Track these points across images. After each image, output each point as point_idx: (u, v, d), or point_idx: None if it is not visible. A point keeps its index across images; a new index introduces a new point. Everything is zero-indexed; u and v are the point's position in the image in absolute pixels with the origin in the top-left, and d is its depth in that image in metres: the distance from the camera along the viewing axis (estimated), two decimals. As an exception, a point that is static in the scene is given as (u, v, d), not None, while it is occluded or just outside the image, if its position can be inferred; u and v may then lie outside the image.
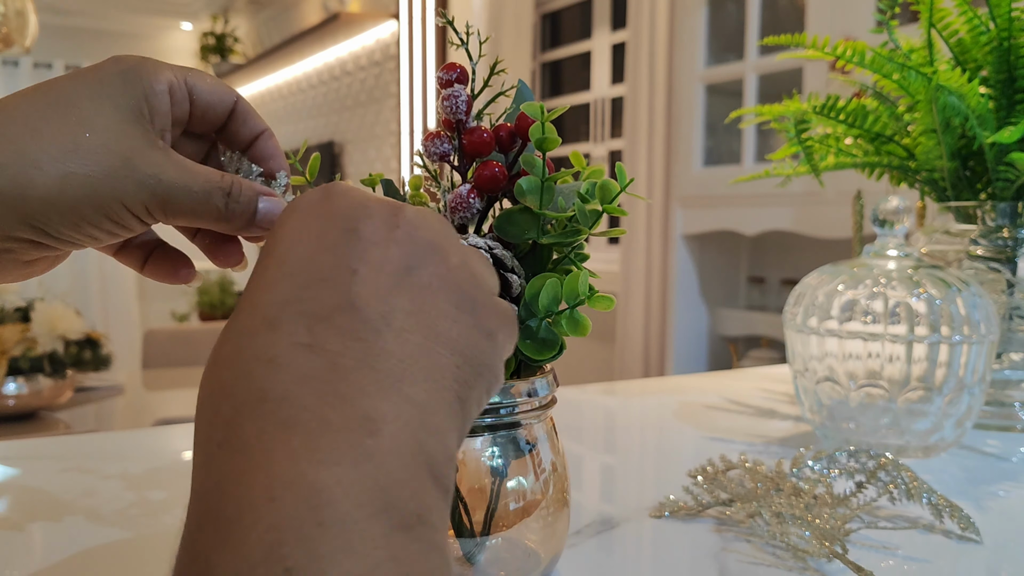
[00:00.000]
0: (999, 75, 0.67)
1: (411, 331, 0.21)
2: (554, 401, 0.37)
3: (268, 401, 0.18)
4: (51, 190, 0.26)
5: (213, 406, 0.19)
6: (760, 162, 1.98)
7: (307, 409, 0.18)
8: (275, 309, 0.20)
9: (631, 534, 0.45)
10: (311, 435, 0.17)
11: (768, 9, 1.96)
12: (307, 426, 0.18)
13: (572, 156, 0.36)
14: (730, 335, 2.21)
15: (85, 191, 0.27)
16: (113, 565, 0.41)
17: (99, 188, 0.27)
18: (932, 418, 0.58)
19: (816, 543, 0.41)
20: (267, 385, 0.18)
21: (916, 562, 0.42)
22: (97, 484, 0.53)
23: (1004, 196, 0.68)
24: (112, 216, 0.28)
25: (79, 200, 0.27)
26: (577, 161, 0.35)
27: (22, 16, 1.07)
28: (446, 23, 0.36)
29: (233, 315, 0.21)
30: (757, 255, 2.23)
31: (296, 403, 0.18)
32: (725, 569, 0.40)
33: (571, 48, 2.62)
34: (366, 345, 0.20)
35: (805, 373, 0.62)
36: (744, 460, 0.52)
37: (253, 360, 0.19)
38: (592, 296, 0.32)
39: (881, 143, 0.73)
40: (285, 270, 0.21)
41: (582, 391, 0.85)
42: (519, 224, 0.34)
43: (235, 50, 4.62)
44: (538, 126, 0.33)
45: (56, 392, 1.56)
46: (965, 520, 0.45)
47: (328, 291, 0.20)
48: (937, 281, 0.59)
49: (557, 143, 0.33)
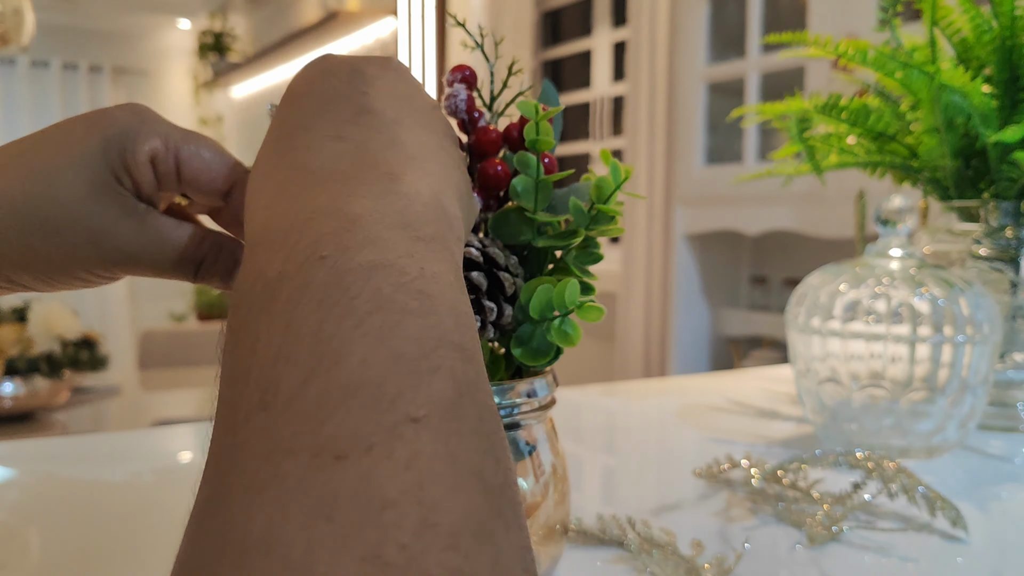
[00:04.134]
0: (1002, 74, 0.66)
1: (419, 134, 0.24)
2: (554, 402, 0.36)
3: (308, 172, 0.21)
4: (15, 261, 0.28)
5: (258, 183, 0.23)
6: (762, 161, 1.97)
7: (341, 171, 0.21)
8: (304, 119, 0.24)
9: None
10: (345, 182, 0.21)
11: (770, 7, 1.96)
12: (342, 178, 0.21)
13: (602, 154, 0.35)
14: (732, 335, 2.20)
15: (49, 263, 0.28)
16: (112, 566, 0.41)
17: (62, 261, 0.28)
18: (935, 419, 0.58)
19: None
20: (305, 161, 0.22)
21: (915, 562, 0.41)
22: (94, 485, 0.52)
23: (1007, 195, 0.68)
24: (79, 278, 0.29)
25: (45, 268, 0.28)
26: (606, 159, 0.34)
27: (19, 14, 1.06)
28: (458, 24, 0.35)
29: (266, 137, 0.24)
30: (759, 255, 2.23)
31: (332, 168, 0.21)
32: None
33: (571, 46, 2.61)
34: (386, 136, 0.23)
35: (807, 374, 0.62)
36: (748, 459, 0.52)
37: (291, 151, 0.23)
38: (582, 306, 0.31)
39: (884, 142, 0.72)
40: (307, 97, 0.24)
41: (582, 392, 0.84)
42: (513, 225, 0.34)
43: (233, 48, 4.61)
44: (532, 126, 0.32)
45: (53, 393, 1.56)
46: (954, 515, 0.44)
47: (346, 104, 0.24)
48: (940, 281, 0.58)
49: (551, 144, 0.33)
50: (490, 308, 0.32)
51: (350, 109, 0.24)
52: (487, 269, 0.32)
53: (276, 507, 0.14)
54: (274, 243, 0.19)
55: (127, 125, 0.28)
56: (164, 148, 0.28)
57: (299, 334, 0.17)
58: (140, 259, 0.29)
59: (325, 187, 0.21)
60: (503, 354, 0.35)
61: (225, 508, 0.15)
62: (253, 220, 0.21)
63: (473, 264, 0.32)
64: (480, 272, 0.32)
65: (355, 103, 0.24)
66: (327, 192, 0.20)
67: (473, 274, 0.32)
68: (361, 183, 0.21)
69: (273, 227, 0.20)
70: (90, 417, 1.65)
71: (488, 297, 0.32)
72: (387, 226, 0.19)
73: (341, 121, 0.23)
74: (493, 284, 0.32)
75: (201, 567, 0.14)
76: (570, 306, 0.31)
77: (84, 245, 0.28)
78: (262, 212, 0.21)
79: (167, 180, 0.29)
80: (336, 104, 0.24)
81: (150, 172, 0.28)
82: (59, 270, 0.28)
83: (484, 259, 0.32)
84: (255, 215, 0.21)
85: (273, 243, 0.19)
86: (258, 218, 0.21)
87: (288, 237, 0.19)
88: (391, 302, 0.17)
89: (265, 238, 0.20)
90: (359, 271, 0.18)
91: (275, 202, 0.21)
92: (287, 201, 0.21)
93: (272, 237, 0.19)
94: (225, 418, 0.17)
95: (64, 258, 0.28)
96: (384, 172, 0.21)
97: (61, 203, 0.27)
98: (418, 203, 0.21)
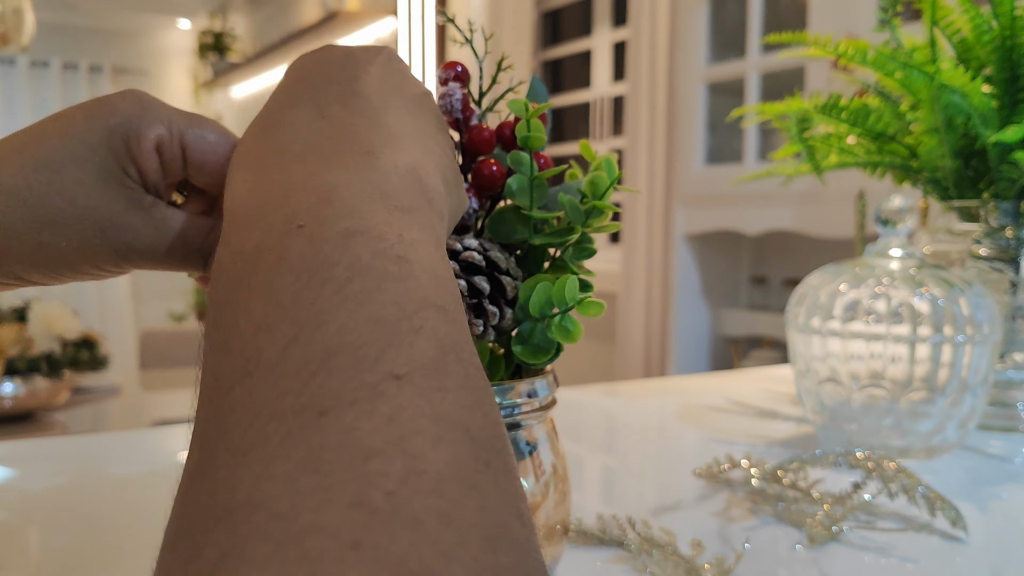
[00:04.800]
0: (1002, 74, 0.66)
1: (406, 122, 0.25)
2: (554, 402, 0.36)
3: (288, 148, 0.22)
4: (25, 256, 0.27)
5: (239, 159, 0.23)
6: (762, 161, 1.97)
7: (321, 147, 0.22)
8: (291, 99, 0.24)
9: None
10: (323, 158, 0.21)
11: (770, 7, 1.96)
12: (320, 153, 0.21)
13: (582, 146, 0.35)
14: (732, 335, 2.20)
15: (58, 258, 0.27)
16: (112, 566, 0.41)
17: (72, 256, 0.28)
18: (935, 419, 0.58)
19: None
20: (287, 139, 0.22)
21: (915, 562, 0.41)
22: (94, 485, 0.52)
23: (1007, 196, 0.68)
24: (87, 272, 0.29)
25: (54, 263, 0.28)
26: (587, 152, 0.34)
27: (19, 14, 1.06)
28: (447, 21, 0.35)
29: (254, 119, 0.25)
30: (759, 255, 2.23)
31: (311, 145, 0.22)
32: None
33: (571, 46, 2.61)
34: (369, 119, 0.23)
35: (807, 374, 0.62)
36: (748, 459, 0.52)
37: (273, 128, 0.23)
38: (582, 302, 0.31)
39: (883, 142, 0.72)
40: (300, 77, 0.25)
41: (583, 392, 0.84)
42: (510, 224, 0.34)
43: (233, 48, 4.61)
44: (523, 123, 0.32)
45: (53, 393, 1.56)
46: (953, 515, 0.44)
47: (336, 87, 0.24)
48: (940, 281, 0.58)
49: (543, 142, 0.33)
50: (492, 312, 0.32)
51: (338, 91, 0.24)
52: (489, 273, 0.32)
53: (262, 465, 0.14)
54: (251, 217, 0.19)
55: (130, 114, 0.27)
56: (168, 134, 0.28)
57: (279, 303, 0.17)
58: (150, 252, 0.28)
59: (303, 163, 0.21)
60: (503, 354, 0.35)
61: (212, 472, 0.15)
62: (232, 196, 0.21)
63: (476, 268, 0.32)
64: (482, 276, 0.32)
65: (344, 86, 0.24)
66: (304, 167, 0.21)
67: (476, 278, 0.32)
68: (339, 158, 0.21)
69: (251, 202, 0.20)
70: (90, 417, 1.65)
71: (490, 301, 0.32)
72: (364, 197, 0.20)
73: (328, 102, 0.24)
74: (495, 288, 0.32)
75: (190, 530, 0.14)
76: (570, 302, 0.31)
77: (93, 239, 0.27)
78: (240, 187, 0.21)
79: (173, 166, 0.28)
80: (326, 87, 0.24)
81: (156, 161, 0.28)
82: (67, 266, 0.28)
83: (487, 263, 0.32)
84: (234, 190, 0.22)
85: (250, 217, 0.20)
86: (237, 193, 0.21)
87: (265, 211, 0.19)
88: (370, 268, 0.17)
89: (243, 213, 0.20)
90: (337, 239, 0.18)
91: (254, 178, 0.21)
92: (265, 177, 0.21)
93: (249, 212, 0.20)
94: (209, 387, 0.17)
95: (74, 253, 0.27)
96: (363, 149, 0.22)
97: (68, 195, 0.27)
98: (395, 176, 0.21)
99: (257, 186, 0.21)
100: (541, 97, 0.36)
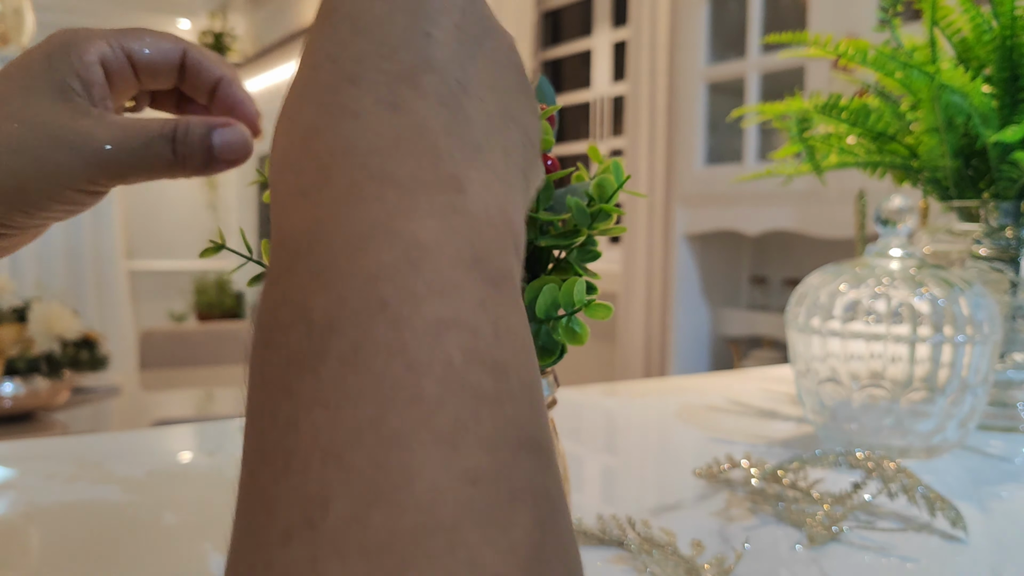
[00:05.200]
0: (1002, 74, 0.66)
1: (487, 101, 0.20)
2: (554, 402, 0.36)
3: (357, 154, 0.17)
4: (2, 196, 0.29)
5: (294, 156, 0.18)
6: (762, 161, 1.97)
7: (398, 165, 0.17)
8: (353, 65, 0.19)
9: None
10: (403, 189, 0.17)
11: (770, 7, 1.96)
12: (399, 180, 0.17)
13: (590, 150, 0.35)
14: (732, 335, 2.20)
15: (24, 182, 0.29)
16: (112, 566, 0.41)
17: (37, 175, 0.29)
18: (935, 419, 0.58)
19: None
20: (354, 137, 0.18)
21: (915, 562, 0.41)
22: (94, 485, 0.52)
23: (1007, 195, 0.68)
24: (58, 198, 0.30)
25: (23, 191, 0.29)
26: (595, 156, 0.34)
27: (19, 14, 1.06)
28: None
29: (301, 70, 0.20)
30: (759, 255, 2.23)
31: (387, 157, 0.17)
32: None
33: (572, 46, 2.61)
34: (450, 111, 0.19)
35: (807, 374, 0.62)
36: (748, 459, 0.52)
37: (339, 113, 0.18)
38: (589, 304, 0.31)
39: (884, 142, 0.72)
40: (359, 26, 0.20)
41: (583, 392, 0.84)
42: None
43: (233, 48, 4.61)
44: None
45: (53, 393, 1.56)
46: (953, 515, 0.44)
47: (404, 49, 0.19)
48: (940, 281, 0.58)
49: (551, 144, 0.32)
50: None
51: (409, 59, 0.19)
52: None
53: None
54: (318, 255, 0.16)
55: (67, 38, 0.30)
56: (110, 48, 0.30)
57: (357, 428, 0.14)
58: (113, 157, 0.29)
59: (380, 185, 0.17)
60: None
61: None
62: (285, 201, 0.18)
63: None
64: None
65: (415, 50, 0.19)
66: (383, 200, 0.17)
67: None
68: (424, 190, 0.17)
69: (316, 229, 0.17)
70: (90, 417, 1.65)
71: None
72: (457, 264, 0.16)
73: (397, 77, 0.19)
74: None
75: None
76: (578, 304, 0.31)
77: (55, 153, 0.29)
78: (295, 196, 0.17)
79: (123, 76, 0.31)
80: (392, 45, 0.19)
81: (100, 73, 0.30)
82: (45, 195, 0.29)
83: None
84: (284, 206, 0.18)
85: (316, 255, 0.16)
86: (292, 202, 0.17)
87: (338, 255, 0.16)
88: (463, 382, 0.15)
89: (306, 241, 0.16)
90: (426, 332, 0.15)
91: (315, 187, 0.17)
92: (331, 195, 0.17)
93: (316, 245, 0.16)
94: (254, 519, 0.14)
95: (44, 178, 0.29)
96: (448, 176, 0.18)
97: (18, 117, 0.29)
98: (487, 225, 0.18)
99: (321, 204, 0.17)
100: (549, 99, 0.36)
